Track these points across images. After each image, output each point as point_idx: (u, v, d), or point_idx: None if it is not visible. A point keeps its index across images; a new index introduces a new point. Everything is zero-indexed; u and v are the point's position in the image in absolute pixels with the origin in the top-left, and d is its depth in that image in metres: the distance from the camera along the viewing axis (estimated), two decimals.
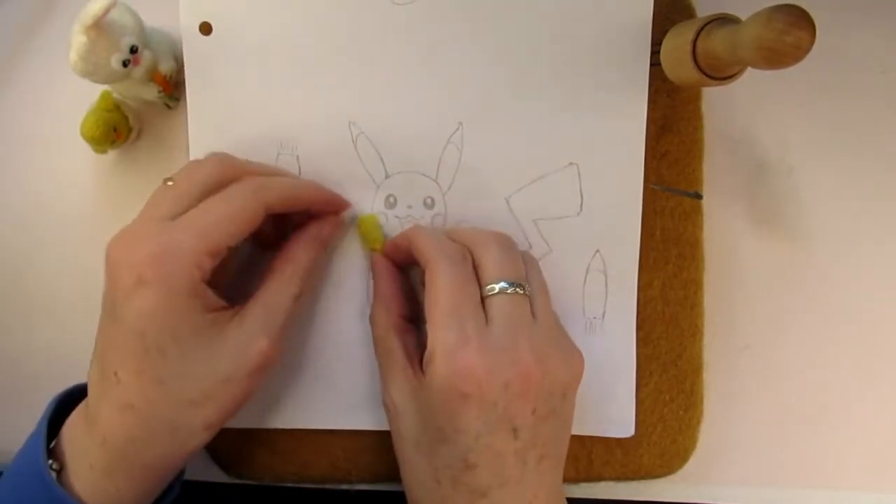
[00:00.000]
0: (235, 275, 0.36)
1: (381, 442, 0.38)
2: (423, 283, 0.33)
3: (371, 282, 0.37)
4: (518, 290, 0.32)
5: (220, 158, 0.34)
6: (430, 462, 0.32)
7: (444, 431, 0.31)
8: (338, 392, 0.38)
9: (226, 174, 0.33)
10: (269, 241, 0.36)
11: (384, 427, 0.38)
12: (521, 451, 0.31)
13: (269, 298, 0.33)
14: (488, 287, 0.32)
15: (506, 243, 0.34)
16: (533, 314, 0.33)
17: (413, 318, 0.36)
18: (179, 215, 0.31)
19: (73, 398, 0.33)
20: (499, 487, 0.31)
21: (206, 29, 0.36)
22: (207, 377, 0.31)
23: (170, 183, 0.32)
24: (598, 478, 0.39)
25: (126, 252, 0.30)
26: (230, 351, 0.31)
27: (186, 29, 0.36)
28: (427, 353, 0.31)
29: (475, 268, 0.33)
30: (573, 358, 0.33)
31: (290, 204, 0.34)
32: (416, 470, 0.32)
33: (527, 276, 0.34)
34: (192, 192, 0.32)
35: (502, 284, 0.32)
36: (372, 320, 0.36)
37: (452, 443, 0.31)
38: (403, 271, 0.37)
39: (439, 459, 0.31)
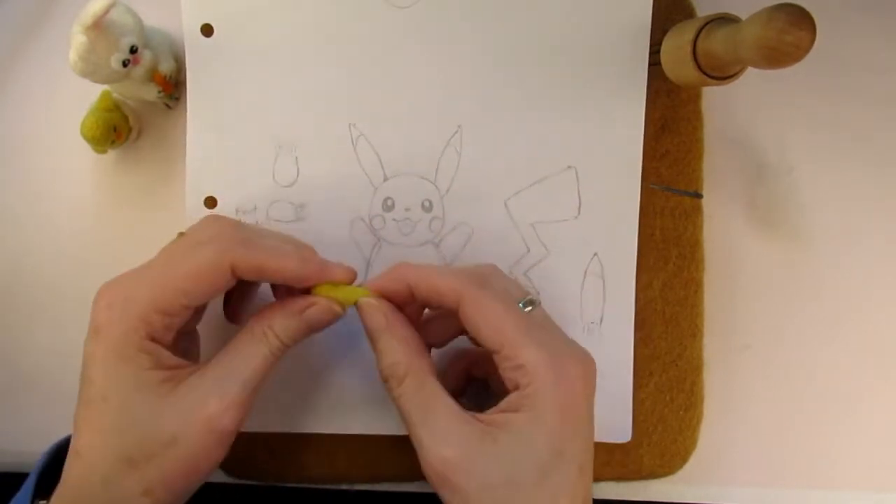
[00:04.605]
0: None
1: (381, 443, 0.38)
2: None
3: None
4: (534, 304, 0.32)
5: (234, 223, 0.32)
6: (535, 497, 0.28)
7: (562, 451, 0.29)
8: (336, 396, 0.38)
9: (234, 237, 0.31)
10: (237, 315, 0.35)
11: (383, 432, 0.38)
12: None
13: (232, 358, 0.31)
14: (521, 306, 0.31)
15: (500, 271, 0.33)
16: None
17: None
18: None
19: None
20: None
21: (207, 30, 0.37)
22: (149, 436, 0.29)
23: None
24: (598, 478, 0.39)
25: (99, 296, 0.30)
26: (177, 411, 0.29)
27: (188, 30, 0.36)
28: (516, 379, 0.29)
29: None
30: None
31: (260, 272, 0.30)
32: None
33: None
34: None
35: (526, 303, 0.31)
36: (397, 370, 0.31)
37: (569, 455, 0.29)
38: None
39: (552, 486, 0.28)
